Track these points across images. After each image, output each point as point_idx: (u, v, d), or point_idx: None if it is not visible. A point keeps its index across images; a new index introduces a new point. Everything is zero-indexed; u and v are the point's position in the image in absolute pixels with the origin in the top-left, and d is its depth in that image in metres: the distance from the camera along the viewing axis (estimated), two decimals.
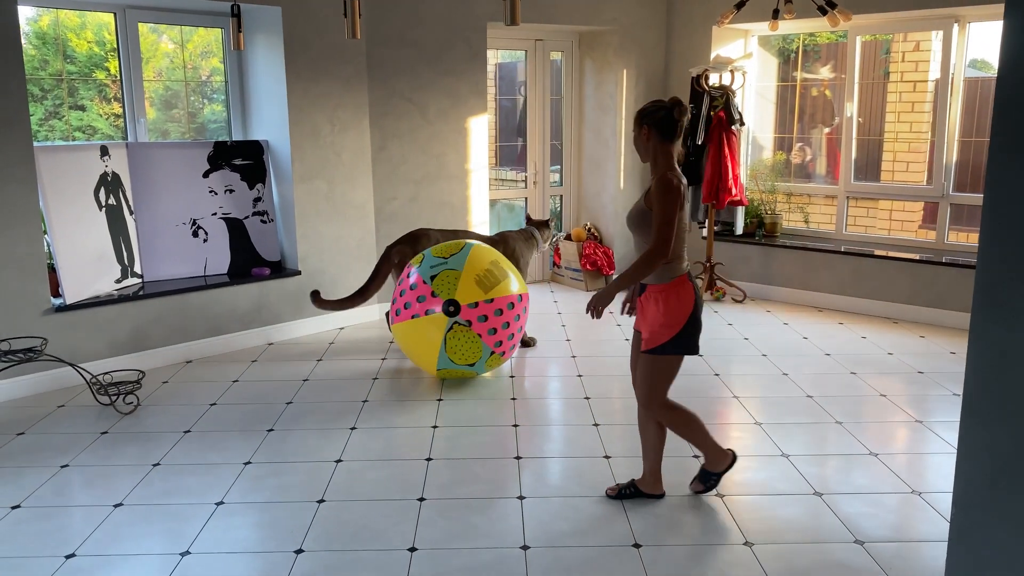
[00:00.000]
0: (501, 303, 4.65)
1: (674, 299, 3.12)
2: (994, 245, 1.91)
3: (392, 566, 2.93)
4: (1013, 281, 1.89)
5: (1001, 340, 1.91)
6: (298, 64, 5.60)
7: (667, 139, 3.11)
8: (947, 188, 6.30)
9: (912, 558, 2.97)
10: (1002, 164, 1.86)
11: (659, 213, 3.03)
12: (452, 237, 5.46)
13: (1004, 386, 1.91)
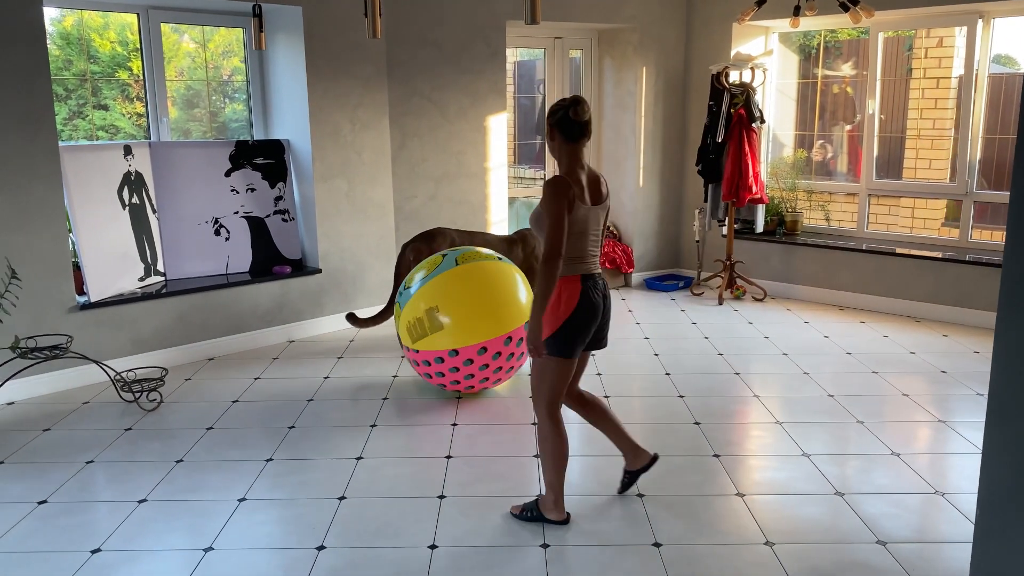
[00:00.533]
0: (428, 356, 4.30)
1: (557, 297, 3.04)
2: (1020, 243, 1.89)
3: (412, 563, 2.95)
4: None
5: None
6: (318, 63, 5.63)
7: (570, 139, 3.06)
8: (971, 185, 6.23)
9: (935, 559, 2.95)
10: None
11: (547, 215, 2.96)
12: (468, 238, 5.50)
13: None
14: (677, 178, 7.57)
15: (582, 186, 3.03)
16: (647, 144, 7.28)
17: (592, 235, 3.08)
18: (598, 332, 3.17)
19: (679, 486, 3.52)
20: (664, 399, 4.56)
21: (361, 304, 6.12)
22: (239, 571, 2.91)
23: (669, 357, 5.31)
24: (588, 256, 3.08)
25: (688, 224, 7.54)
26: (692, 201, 7.48)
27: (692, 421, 4.23)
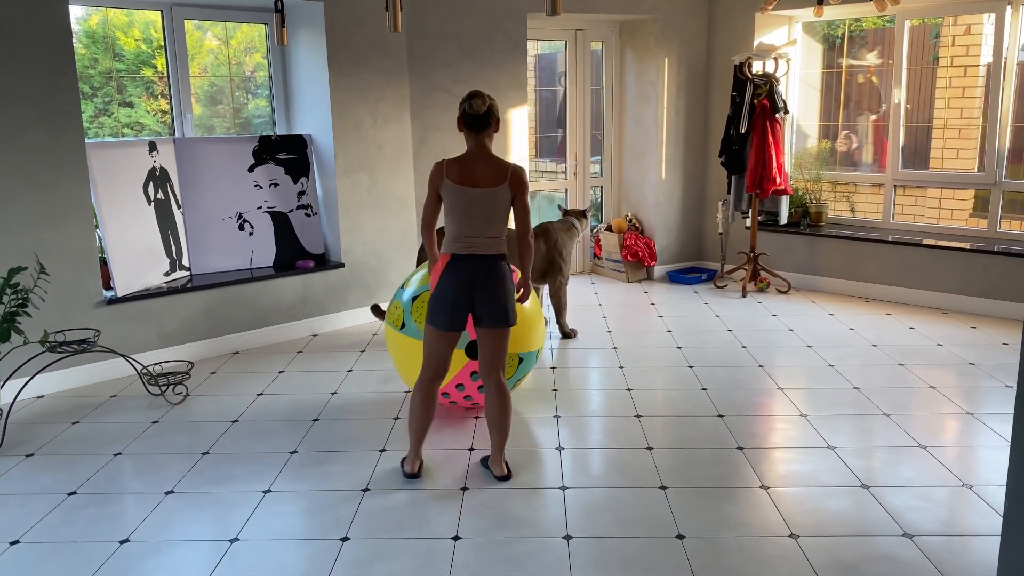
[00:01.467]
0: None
1: (436, 269, 3.40)
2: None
3: (436, 555, 2.96)
4: None
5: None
6: (340, 58, 5.65)
7: (472, 129, 3.38)
8: (999, 175, 6.14)
9: (962, 552, 2.92)
10: None
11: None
12: None
13: None
14: (700, 170, 7.52)
15: (458, 167, 3.35)
16: (669, 136, 7.24)
17: (471, 216, 3.32)
18: (477, 309, 3.35)
19: (703, 478, 3.51)
20: (687, 392, 4.54)
21: (384, 298, 6.14)
22: (264, 562, 2.94)
23: (692, 350, 5.28)
24: (463, 236, 3.34)
25: (711, 216, 7.49)
26: (715, 193, 7.43)
27: (716, 414, 4.21)
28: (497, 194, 3.32)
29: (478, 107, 3.31)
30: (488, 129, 3.38)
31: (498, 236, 3.37)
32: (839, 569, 2.82)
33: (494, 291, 3.34)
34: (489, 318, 3.37)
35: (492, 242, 3.35)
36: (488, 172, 3.34)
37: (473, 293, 3.33)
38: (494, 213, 3.34)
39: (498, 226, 3.37)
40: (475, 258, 3.33)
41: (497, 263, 3.37)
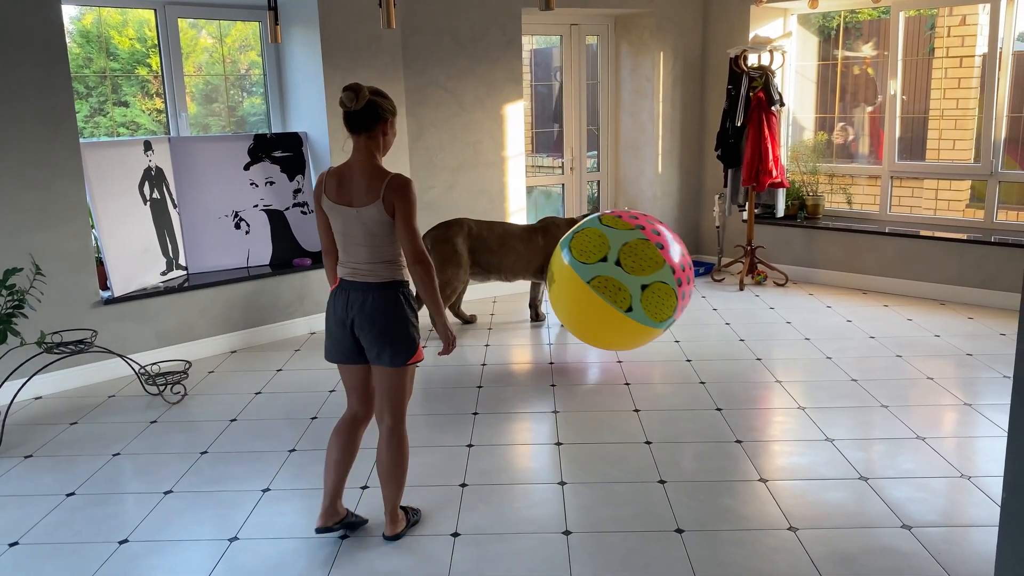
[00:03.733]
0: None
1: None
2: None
3: (436, 551, 2.96)
4: None
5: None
6: (335, 55, 5.63)
7: (349, 130, 2.84)
8: (996, 166, 6.14)
9: (961, 543, 2.92)
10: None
11: None
12: (490, 228, 5.59)
13: None
14: (696, 163, 7.51)
15: (336, 182, 2.83)
16: (665, 130, 7.23)
17: (350, 240, 2.83)
18: (361, 342, 2.89)
19: (701, 472, 3.51)
20: (686, 385, 4.54)
21: None
22: (264, 561, 2.94)
23: (690, 343, 5.28)
24: (346, 261, 2.88)
25: (708, 210, 7.49)
26: (712, 186, 7.42)
27: (714, 407, 4.22)
28: (371, 213, 2.76)
29: (349, 102, 2.74)
30: (370, 131, 2.80)
31: (387, 261, 2.83)
32: (838, 561, 2.83)
33: (373, 325, 2.83)
34: (371, 355, 2.89)
35: (376, 268, 2.82)
36: (362, 187, 2.78)
37: (353, 325, 2.86)
38: (373, 236, 2.79)
39: (383, 250, 2.81)
40: (356, 286, 2.85)
41: (380, 293, 2.83)
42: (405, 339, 2.87)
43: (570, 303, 4.57)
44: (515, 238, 5.61)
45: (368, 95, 2.77)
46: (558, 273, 4.61)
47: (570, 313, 4.64)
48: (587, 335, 4.71)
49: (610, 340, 4.68)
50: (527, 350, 5.35)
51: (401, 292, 2.88)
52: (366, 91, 2.77)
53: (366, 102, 2.76)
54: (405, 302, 2.88)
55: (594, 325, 4.55)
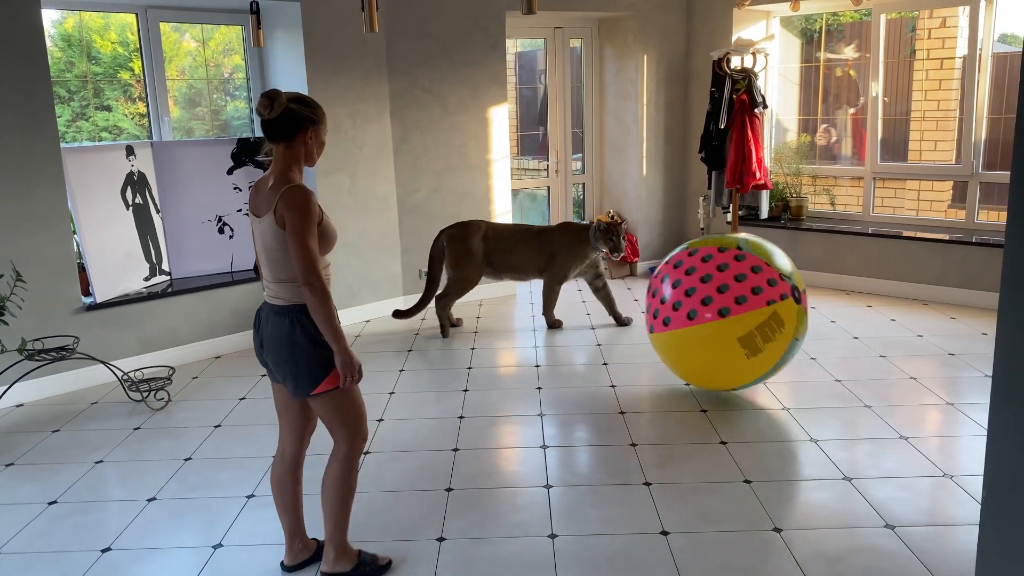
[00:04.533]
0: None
1: None
2: (1021, 224, 1.87)
3: (421, 556, 2.96)
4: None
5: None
6: (318, 59, 5.62)
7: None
8: (976, 166, 6.19)
9: (944, 542, 2.94)
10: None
11: None
12: (504, 229, 5.73)
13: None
14: (680, 166, 7.54)
15: (255, 191, 2.67)
16: (649, 132, 7.26)
17: (259, 255, 2.66)
18: (267, 364, 2.73)
19: (686, 474, 3.52)
20: (671, 387, 4.55)
21: (366, 299, 6.12)
22: (248, 567, 2.92)
23: None
24: (263, 279, 2.69)
25: (693, 212, 7.52)
26: (696, 189, 7.45)
27: (699, 408, 4.23)
28: (266, 226, 2.55)
29: (263, 110, 2.53)
30: (289, 140, 2.57)
31: (285, 281, 2.58)
32: (823, 562, 2.84)
33: (271, 352, 2.65)
34: (280, 377, 2.69)
35: (276, 289, 2.61)
36: (265, 198, 2.58)
37: (262, 346, 2.71)
38: (270, 251, 2.58)
39: (280, 267, 2.57)
40: (264, 306, 2.69)
41: (276, 319, 2.61)
42: (305, 367, 2.59)
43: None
44: (528, 238, 5.70)
45: (286, 102, 2.53)
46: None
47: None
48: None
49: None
50: (513, 353, 5.35)
51: (297, 319, 2.58)
52: (284, 98, 2.53)
53: (283, 110, 2.53)
54: (301, 328, 2.57)
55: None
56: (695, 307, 4.00)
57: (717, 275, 4.00)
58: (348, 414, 2.70)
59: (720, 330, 3.94)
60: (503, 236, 5.71)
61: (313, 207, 2.51)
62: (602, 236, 5.56)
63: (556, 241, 5.66)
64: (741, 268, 4.00)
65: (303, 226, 2.49)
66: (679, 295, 4.07)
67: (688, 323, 4.02)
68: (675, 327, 4.08)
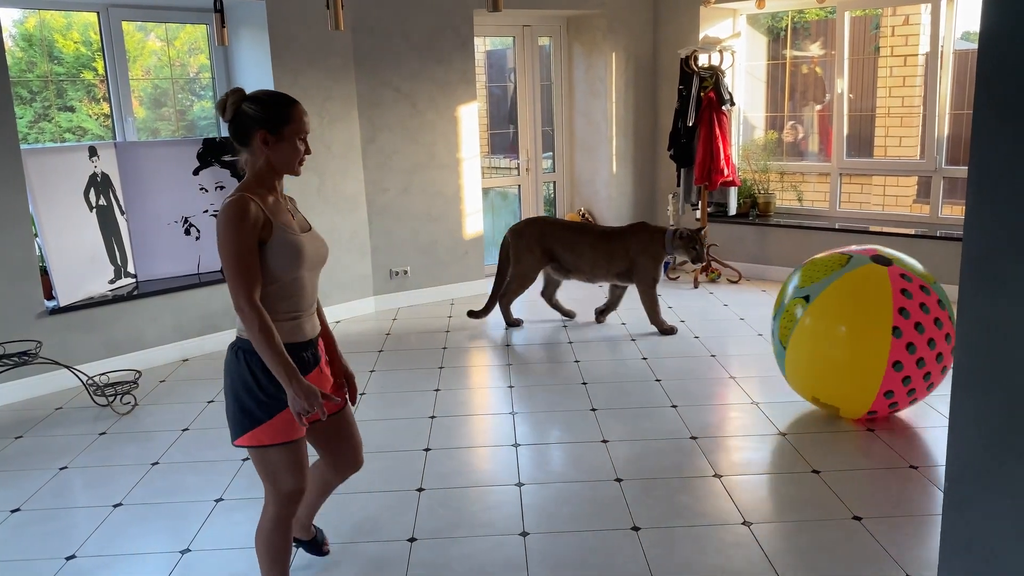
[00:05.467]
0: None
1: None
2: (980, 217, 1.90)
3: (392, 557, 2.94)
4: (997, 254, 1.88)
5: (987, 312, 1.90)
6: (284, 57, 5.57)
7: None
8: (940, 162, 6.29)
9: (909, 531, 2.98)
10: (986, 136, 1.85)
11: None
12: (574, 229, 5.69)
13: (992, 358, 1.91)
14: (650, 163, 7.58)
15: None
16: (619, 130, 7.28)
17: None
18: None
19: (657, 469, 3.53)
20: (642, 384, 4.57)
21: (336, 300, 6.08)
22: (217, 572, 2.89)
23: (646, 342, 5.32)
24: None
25: (662, 209, 7.55)
26: (665, 186, 7.49)
27: (669, 404, 4.25)
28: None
29: (221, 114, 2.30)
30: (247, 146, 2.29)
31: (236, 308, 2.22)
32: (791, 554, 2.87)
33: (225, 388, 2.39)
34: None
35: (236, 318, 2.28)
36: None
37: None
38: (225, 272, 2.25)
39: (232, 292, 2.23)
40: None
41: (231, 350, 2.34)
42: (235, 414, 2.32)
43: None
44: (597, 239, 5.56)
45: (238, 102, 2.26)
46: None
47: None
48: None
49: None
50: (484, 352, 5.34)
51: (242, 354, 2.29)
52: (236, 97, 2.26)
53: (234, 111, 2.26)
54: (245, 365, 2.28)
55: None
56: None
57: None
58: (276, 475, 2.36)
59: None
60: (569, 234, 5.62)
61: (242, 221, 2.16)
62: (683, 244, 5.38)
63: (633, 245, 5.46)
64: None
65: (227, 243, 2.17)
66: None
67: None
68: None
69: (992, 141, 1.84)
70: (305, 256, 2.32)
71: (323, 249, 2.44)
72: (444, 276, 6.59)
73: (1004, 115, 1.81)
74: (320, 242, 2.43)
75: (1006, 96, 1.81)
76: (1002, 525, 1.92)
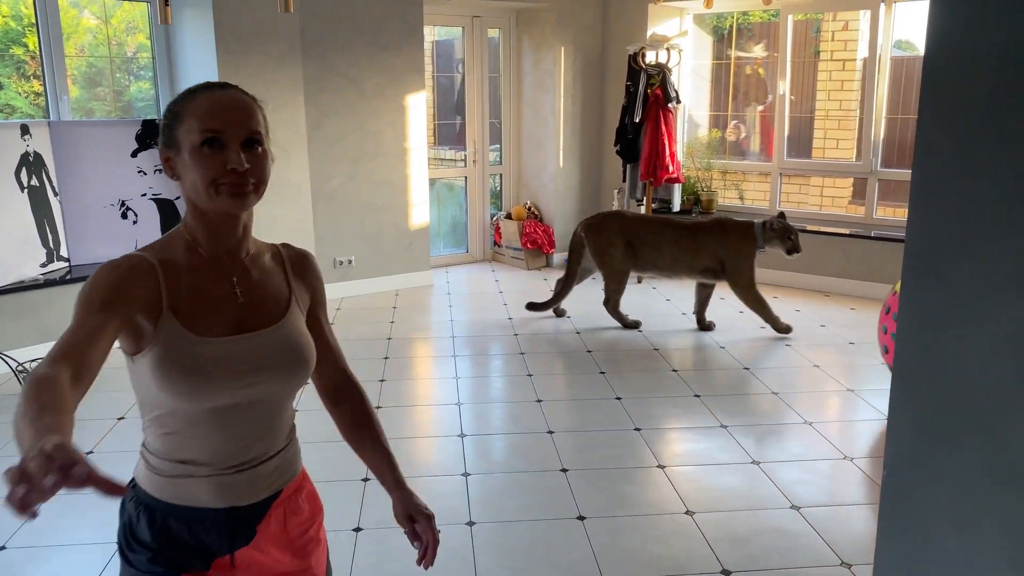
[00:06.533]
0: None
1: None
2: (922, 217, 1.97)
3: (337, 547, 2.91)
4: (937, 251, 1.95)
5: (927, 307, 1.98)
6: (228, 40, 5.44)
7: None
8: (875, 164, 6.48)
9: (845, 520, 3.08)
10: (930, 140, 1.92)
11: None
12: (652, 223, 5.50)
13: (930, 351, 1.98)
14: (596, 158, 7.63)
15: None
16: (567, 125, 7.32)
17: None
18: None
19: (602, 460, 3.57)
20: (586, 376, 4.61)
21: None
22: None
23: (590, 335, 5.37)
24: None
25: (608, 204, 7.62)
26: (611, 181, 7.56)
27: (614, 396, 4.30)
28: None
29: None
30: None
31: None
32: (732, 543, 2.93)
33: None
34: None
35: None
36: None
37: None
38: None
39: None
40: None
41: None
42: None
43: None
44: (679, 234, 5.35)
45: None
46: None
47: None
48: None
49: None
50: (430, 343, 5.32)
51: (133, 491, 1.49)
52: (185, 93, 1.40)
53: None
54: (131, 507, 1.49)
55: None
56: None
57: None
58: None
59: None
60: (647, 229, 5.43)
61: (93, 288, 1.35)
62: (778, 236, 5.25)
63: (721, 243, 5.28)
64: None
65: (76, 306, 1.35)
66: None
67: None
68: None
69: (935, 145, 1.92)
70: (203, 380, 1.34)
71: (278, 361, 1.43)
72: (389, 267, 6.54)
73: (946, 122, 1.89)
74: (280, 346, 1.44)
75: (949, 104, 1.89)
76: (938, 514, 1.99)
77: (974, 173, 1.92)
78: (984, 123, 1.88)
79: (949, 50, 1.90)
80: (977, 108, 1.89)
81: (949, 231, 1.97)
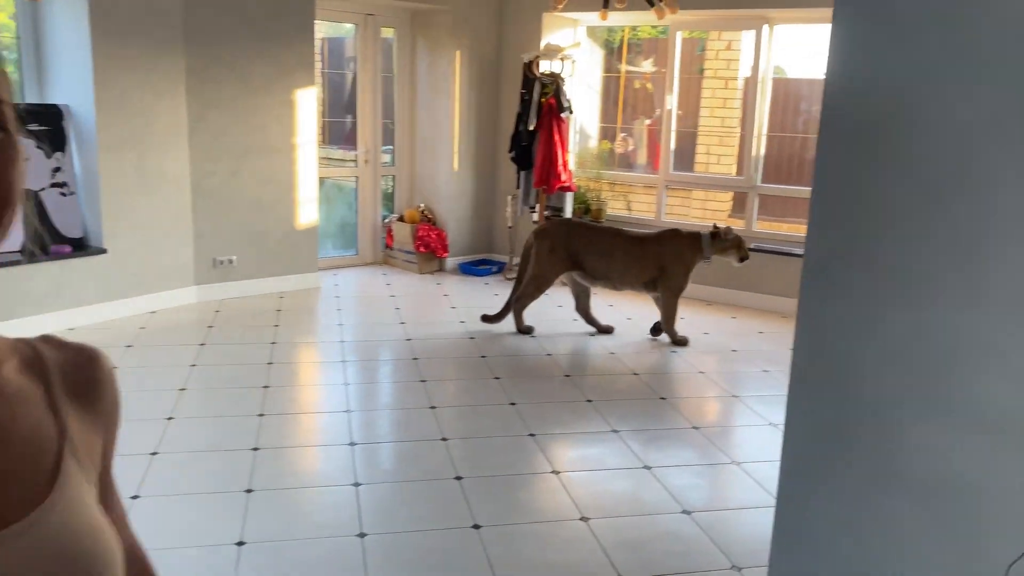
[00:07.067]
0: None
1: None
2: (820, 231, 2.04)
3: (219, 563, 2.74)
4: (834, 263, 2.02)
5: (824, 315, 2.04)
6: (105, 22, 5.10)
7: None
8: (756, 179, 6.75)
9: (734, 524, 3.15)
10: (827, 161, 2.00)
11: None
12: (603, 233, 5.48)
13: (826, 358, 2.05)
14: (491, 164, 7.62)
15: None
16: (462, 129, 7.27)
17: None
18: None
19: (496, 466, 3.53)
20: (480, 381, 4.57)
21: (153, 288, 5.64)
22: None
23: (484, 340, 5.33)
24: None
25: (501, 210, 7.62)
26: (505, 187, 7.56)
27: (508, 402, 4.27)
28: None
29: None
30: None
31: None
32: (627, 548, 2.95)
33: None
34: None
35: None
36: None
37: None
38: None
39: None
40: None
41: None
42: None
43: None
44: (629, 244, 5.33)
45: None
46: None
47: None
48: None
49: None
50: (317, 348, 5.15)
51: None
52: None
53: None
54: None
55: None
56: None
57: None
58: None
59: None
60: (597, 238, 5.38)
61: None
62: (733, 245, 5.39)
63: (667, 252, 5.33)
64: None
65: None
66: None
67: None
68: None
69: (833, 164, 2.00)
70: None
71: None
72: (273, 267, 6.29)
73: (844, 142, 1.98)
74: (44, 554, 0.68)
75: (847, 126, 1.97)
76: (831, 517, 2.05)
77: (869, 191, 2.01)
78: (878, 144, 1.97)
79: (846, 76, 1.98)
80: (872, 130, 1.98)
81: (845, 244, 2.05)
